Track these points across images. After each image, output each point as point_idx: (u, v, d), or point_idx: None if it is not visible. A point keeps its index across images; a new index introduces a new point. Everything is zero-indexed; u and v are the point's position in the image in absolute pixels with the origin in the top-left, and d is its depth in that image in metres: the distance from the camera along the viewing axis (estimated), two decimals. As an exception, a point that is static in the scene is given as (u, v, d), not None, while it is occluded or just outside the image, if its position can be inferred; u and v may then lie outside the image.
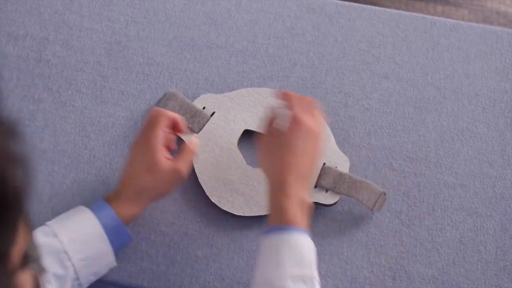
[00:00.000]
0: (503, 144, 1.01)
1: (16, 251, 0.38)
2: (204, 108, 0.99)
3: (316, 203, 0.93)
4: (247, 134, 0.98)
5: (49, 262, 0.78)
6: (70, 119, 1.01)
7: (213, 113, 0.99)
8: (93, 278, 0.83)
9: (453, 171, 0.98)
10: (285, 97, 0.89)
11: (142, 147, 0.85)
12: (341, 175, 0.94)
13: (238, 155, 0.96)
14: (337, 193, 0.93)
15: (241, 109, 1.00)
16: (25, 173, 0.37)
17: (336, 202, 0.93)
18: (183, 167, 0.85)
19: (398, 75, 1.06)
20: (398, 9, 2.04)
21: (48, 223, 0.82)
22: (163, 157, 0.84)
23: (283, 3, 1.12)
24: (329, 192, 0.93)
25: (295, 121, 0.84)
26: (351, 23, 1.11)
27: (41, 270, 0.42)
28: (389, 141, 1.00)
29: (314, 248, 0.79)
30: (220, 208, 0.93)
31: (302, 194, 0.80)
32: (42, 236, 0.80)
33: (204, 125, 0.98)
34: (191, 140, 0.89)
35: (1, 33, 1.08)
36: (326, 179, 0.94)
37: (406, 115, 1.03)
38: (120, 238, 0.84)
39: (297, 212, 0.79)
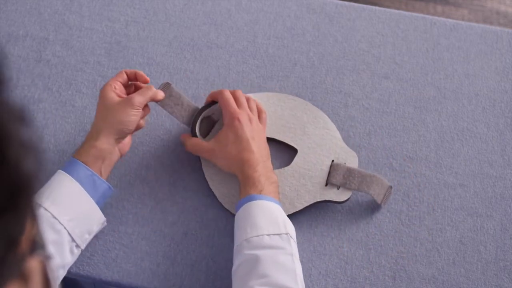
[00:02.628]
0: (503, 144, 1.01)
1: (25, 238, 0.38)
2: (213, 114, 0.97)
3: (328, 201, 0.93)
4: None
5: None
6: (70, 119, 1.01)
7: (217, 120, 0.97)
8: (87, 237, 0.85)
9: (453, 171, 0.98)
10: (215, 96, 0.95)
11: (98, 103, 0.89)
12: (350, 170, 0.94)
13: None
14: (348, 188, 0.93)
15: None
16: (36, 159, 0.37)
17: (348, 198, 0.93)
18: (136, 97, 0.88)
19: (398, 75, 1.06)
20: (398, 9, 2.04)
21: None
22: (112, 91, 0.88)
23: (283, 3, 1.12)
24: (340, 189, 0.93)
25: (227, 115, 0.92)
26: (351, 23, 1.11)
27: (47, 256, 0.42)
28: (389, 141, 1.00)
29: (285, 214, 0.85)
30: (220, 208, 0.93)
31: (267, 172, 0.88)
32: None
33: (210, 130, 0.96)
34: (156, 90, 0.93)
35: (1, 33, 1.08)
36: (336, 176, 0.93)
37: (406, 115, 1.03)
38: (97, 188, 0.85)
39: (265, 184, 0.86)
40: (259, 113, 0.96)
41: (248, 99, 0.95)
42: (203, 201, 0.94)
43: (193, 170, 0.96)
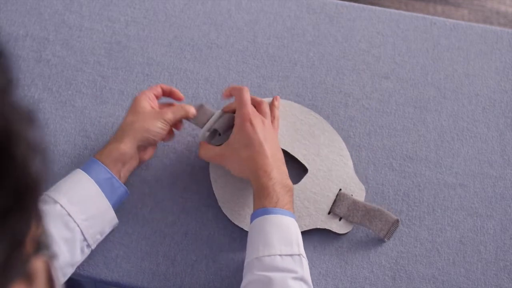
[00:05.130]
0: (503, 144, 1.01)
1: (30, 238, 0.38)
2: (219, 128, 0.95)
3: (328, 230, 0.92)
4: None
5: (55, 227, 0.80)
6: (70, 119, 1.01)
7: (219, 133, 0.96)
8: (99, 238, 0.85)
9: (453, 171, 0.98)
10: (233, 92, 0.94)
11: (132, 104, 0.91)
12: (355, 203, 0.92)
13: None
14: (351, 222, 0.92)
15: None
16: (43, 160, 0.37)
17: (349, 232, 0.92)
18: (168, 113, 0.90)
19: (398, 75, 1.06)
20: (398, 9, 2.04)
21: (45, 192, 0.84)
22: (147, 104, 0.90)
23: (283, 3, 1.12)
24: (342, 220, 0.92)
25: (239, 119, 0.89)
26: (351, 23, 1.11)
27: (52, 256, 0.42)
28: (389, 141, 1.00)
29: (298, 228, 0.83)
30: (220, 208, 0.93)
31: (283, 178, 0.85)
32: (43, 204, 0.81)
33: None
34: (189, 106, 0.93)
35: (1, 33, 1.08)
36: (340, 206, 0.92)
37: (406, 115, 1.03)
38: (115, 191, 0.86)
39: (280, 195, 0.83)
40: (272, 119, 0.93)
41: (262, 103, 0.92)
42: (203, 201, 0.94)
43: (193, 170, 0.96)
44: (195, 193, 0.95)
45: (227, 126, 0.92)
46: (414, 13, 1.13)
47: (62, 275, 0.82)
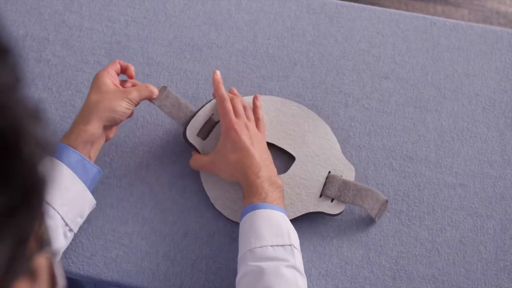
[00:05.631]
0: (503, 144, 1.01)
1: (34, 235, 0.38)
2: (212, 114, 0.97)
3: (321, 213, 0.92)
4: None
5: None
6: (70, 119, 1.01)
7: (218, 121, 0.98)
8: (80, 220, 0.86)
9: (453, 171, 0.98)
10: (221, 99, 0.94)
11: (94, 81, 0.90)
12: (346, 183, 0.93)
13: None
14: (343, 201, 0.93)
15: None
16: (51, 159, 0.37)
17: (342, 212, 0.93)
18: (134, 92, 0.89)
19: (398, 75, 1.06)
20: (398, 9, 2.04)
21: None
22: (111, 82, 0.89)
23: (283, 3, 1.12)
24: (334, 201, 0.93)
25: (224, 125, 0.92)
26: (351, 23, 1.11)
27: (54, 253, 0.42)
28: (389, 141, 1.00)
29: (289, 222, 0.84)
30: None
31: (271, 176, 0.87)
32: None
33: (210, 132, 0.96)
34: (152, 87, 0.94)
35: (7, 31, 1.08)
36: (331, 188, 0.93)
37: (406, 115, 1.03)
38: (88, 172, 0.86)
39: (269, 190, 0.85)
40: (256, 120, 0.96)
41: (245, 108, 0.95)
42: (203, 201, 0.94)
43: (193, 170, 0.96)
44: (195, 193, 0.95)
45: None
46: (414, 13, 1.13)
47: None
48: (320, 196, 0.93)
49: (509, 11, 2.09)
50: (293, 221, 0.93)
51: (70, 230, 0.84)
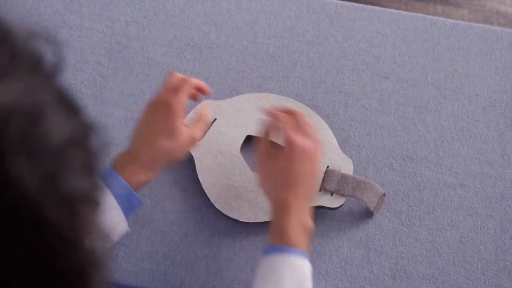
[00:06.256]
0: (503, 144, 1.01)
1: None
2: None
3: (322, 207, 0.93)
4: (250, 140, 0.98)
5: None
6: (70, 119, 1.01)
7: (215, 119, 0.98)
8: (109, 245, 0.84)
9: (453, 171, 0.98)
10: (274, 117, 0.88)
11: (162, 111, 0.84)
12: (344, 177, 0.93)
13: (241, 161, 0.96)
14: (342, 195, 0.93)
15: (242, 114, 0.99)
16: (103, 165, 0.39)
17: (342, 205, 0.93)
18: (199, 135, 0.88)
19: (398, 75, 1.06)
20: (398, 9, 2.04)
21: None
22: (182, 124, 0.85)
23: (283, 3, 1.12)
24: (334, 195, 0.93)
25: (290, 145, 0.83)
26: (351, 23, 1.11)
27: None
28: (389, 141, 1.00)
29: (311, 271, 0.79)
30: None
31: (303, 216, 0.81)
32: None
33: (205, 132, 0.97)
34: (205, 108, 0.92)
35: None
36: (330, 182, 0.93)
37: (406, 115, 1.03)
38: (131, 205, 0.84)
39: (298, 234, 0.79)
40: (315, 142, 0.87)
41: (306, 125, 0.86)
42: (203, 201, 0.94)
43: (193, 170, 0.96)
44: (195, 193, 0.95)
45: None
46: (414, 13, 1.13)
47: None
48: (320, 190, 0.93)
49: (509, 11, 2.09)
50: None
51: None
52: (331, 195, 0.93)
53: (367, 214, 0.94)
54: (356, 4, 1.13)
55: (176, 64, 1.06)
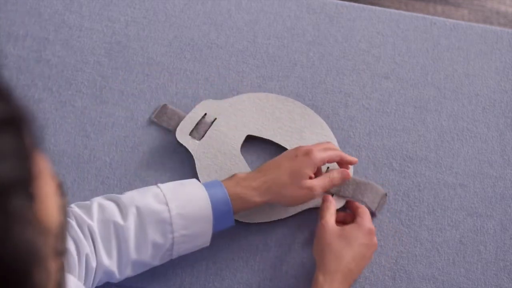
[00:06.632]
0: (503, 144, 1.01)
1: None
2: (205, 114, 0.98)
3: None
4: (250, 140, 0.98)
5: (152, 230, 0.80)
6: (70, 119, 1.01)
7: (215, 119, 0.98)
8: (183, 253, 0.85)
9: (453, 171, 0.98)
10: (358, 211, 0.89)
11: (297, 161, 0.86)
12: None
13: (241, 161, 0.96)
14: (342, 196, 0.93)
15: (242, 114, 0.99)
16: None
17: (342, 206, 0.93)
18: (319, 188, 0.87)
19: (398, 75, 1.06)
20: (398, 9, 2.04)
21: (161, 185, 0.84)
22: (309, 173, 0.86)
23: (283, 3, 1.12)
24: (334, 196, 0.93)
25: (370, 232, 0.86)
26: (351, 23, 1.11)
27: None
28: (389, 141, 1.00)
29: None
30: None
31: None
32: (155, 202, 0.81)
33: (205, 132, 0.97)
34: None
35: (1, 33, 1.08)
36: None
37: (406, 115, 1.03)
38: (223, 223, 0.85)
39: None
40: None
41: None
42: (203, 201, 0.94)
43: (193, 170, 0.96)
44: (195, 193, 0.95)
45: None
46: (414, 13, 1.13)
47: (133, 272, 0.83)
48: None
49: (509, 11, 2.09)
50: (294, 218, 0.93)
51: (170, 255, 0.84)
52: (332, 196, 0.93)
53: (367, 214, 0.94)
54: (356, 4, 1.13)
55: (176, 64, 1.06)
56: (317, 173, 0.89)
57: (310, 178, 0.86)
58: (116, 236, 0.80)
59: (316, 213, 0.93)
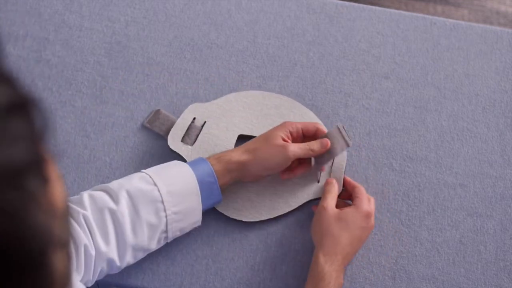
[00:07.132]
0: (503, 144, 1.01)
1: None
2: (194, 119, 0.98)
3: (318, 199, 0.93)
4: (242, 139, 0.98)
5: (145, 210, 0.82)
6: (70, 119, 1.01)
7: (204, 122, 0.98)
8: (178, 234, 0.86)
9: (453, 171, 0.98)
10: (355, 190, 0.91)
11: (272, 129, 0.91)
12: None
13: None
14: (321, 163, 0.93)
15: (231, 115, 0.99)
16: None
17: (341, 192, 0.93)
18: (295, 149, 0.88)
19: (398, 75, 1.06)
20: (398, 9, 2.04)
21: (145, 170, 0.86)
22: (281, 137, 0.89)
23: (283, 3, 1.12)
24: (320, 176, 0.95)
25: (367, 215, 0.87)
26: (351, 23, 1.11)
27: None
28: (389, 141, 1.00)
29: None
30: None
31: (339, 276, 0.84)
32: (143, 183, 0.83)
33: (197, 137, 0.97)
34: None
35: (1, 33, 1.08)
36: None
37: (406, 115, 1.03)
38: (211, 197, 0.87)
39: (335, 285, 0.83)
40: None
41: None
42: (203, 201, 0.94)
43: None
44: (195, 193, 0.95)
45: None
46: (414, 13, 1.13)
47: (133, 258, 0.84)
48: (318, 182, 0.94)
49: (509, 11, 2.09)
50: (295, 214, 0.93)
51: (166, 238, 0.85)
52: (317, 182, 0.94)
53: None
54: (356, 4, 1.13)
55: (176, 64, 1.06)
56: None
57: (285, 141, 0.89)
58: (112, 221, 0.81)
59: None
